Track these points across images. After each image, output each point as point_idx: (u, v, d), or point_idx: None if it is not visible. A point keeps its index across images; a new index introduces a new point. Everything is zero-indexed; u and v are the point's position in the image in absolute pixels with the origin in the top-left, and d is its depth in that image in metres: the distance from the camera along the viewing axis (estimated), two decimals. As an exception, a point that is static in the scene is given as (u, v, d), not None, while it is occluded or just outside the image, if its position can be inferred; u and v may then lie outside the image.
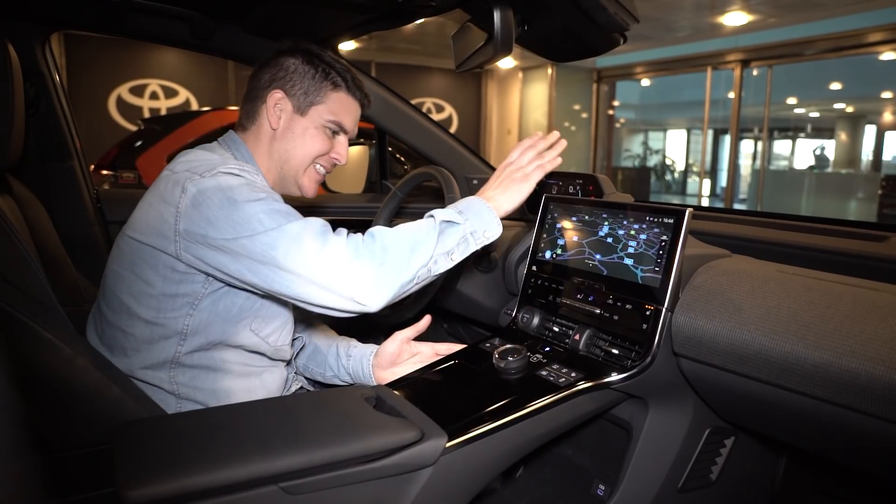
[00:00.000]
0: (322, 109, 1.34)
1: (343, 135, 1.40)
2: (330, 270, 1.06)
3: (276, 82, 1.33)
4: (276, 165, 1.35)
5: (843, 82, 11.38)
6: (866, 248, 1.34)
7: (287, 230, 1.08)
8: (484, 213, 1.25)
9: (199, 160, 1.21)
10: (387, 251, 1.10)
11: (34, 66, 1.88)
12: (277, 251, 1.06)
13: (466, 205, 1.26)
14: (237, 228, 1.08)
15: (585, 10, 1.34)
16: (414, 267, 1.13)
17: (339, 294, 1.07)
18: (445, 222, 1.20)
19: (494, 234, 1.26)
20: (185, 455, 0.92)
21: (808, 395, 1.01)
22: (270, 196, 1.15)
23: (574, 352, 1.32)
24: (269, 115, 1.32)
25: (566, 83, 11.44)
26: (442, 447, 1.03)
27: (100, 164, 5.01)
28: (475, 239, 1.23)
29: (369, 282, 1.07)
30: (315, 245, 1.06)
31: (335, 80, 1.35)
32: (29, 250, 1.26)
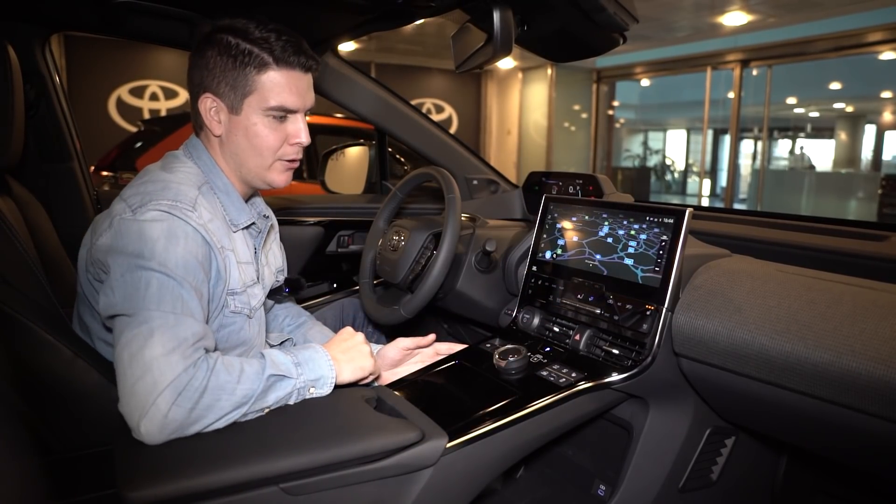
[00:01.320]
0: (255, 99, 1.18)
1: (293, 114, 1.23)
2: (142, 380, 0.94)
3: (203, 83, 1.20)
4: (235, 170, 1.25)
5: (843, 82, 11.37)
6: (866, 247, 1.34)
7: (149, 318, 0.98)
8: (321, 370, 1.13)
9: (145, 185, 1.14)
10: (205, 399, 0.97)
11: (34, 67, 1.88)
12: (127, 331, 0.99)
13: (306, 356, 1.13)
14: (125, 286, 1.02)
15: (585, 10, 1.34)
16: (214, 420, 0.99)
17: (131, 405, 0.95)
18: (275, 376, 1.06)
19: (322, 392, 1.13)
20: (185, 456, 0.92)
21: (808, 395, 1.01)
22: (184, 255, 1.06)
23: (574, 352, 1.32)
24: (208, 122, 1.21)
25: (566, 83, 11.43)
26: (442, 447, 1.03)
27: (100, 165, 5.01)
28: (299, 395, 1.10)
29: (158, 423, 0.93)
30: (156, 350, 0.96)
31: (259, 60, 1.17)
32: (29, 252, 1.26)
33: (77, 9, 1.82)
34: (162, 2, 1.74)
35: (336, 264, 2.39)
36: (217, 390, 0.98)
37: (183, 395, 0.94)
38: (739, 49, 9.00)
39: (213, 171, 1.25)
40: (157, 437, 0.94)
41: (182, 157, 1.25)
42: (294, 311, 1.62)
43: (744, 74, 9.07)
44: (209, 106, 1.20)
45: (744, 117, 9.57)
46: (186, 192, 1.14)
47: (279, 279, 1.49)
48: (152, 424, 0.93)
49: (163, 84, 9.15)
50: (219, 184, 1.25)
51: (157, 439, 0.94)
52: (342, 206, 2.40)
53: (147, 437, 0.94)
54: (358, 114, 2.15)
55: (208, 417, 0.97)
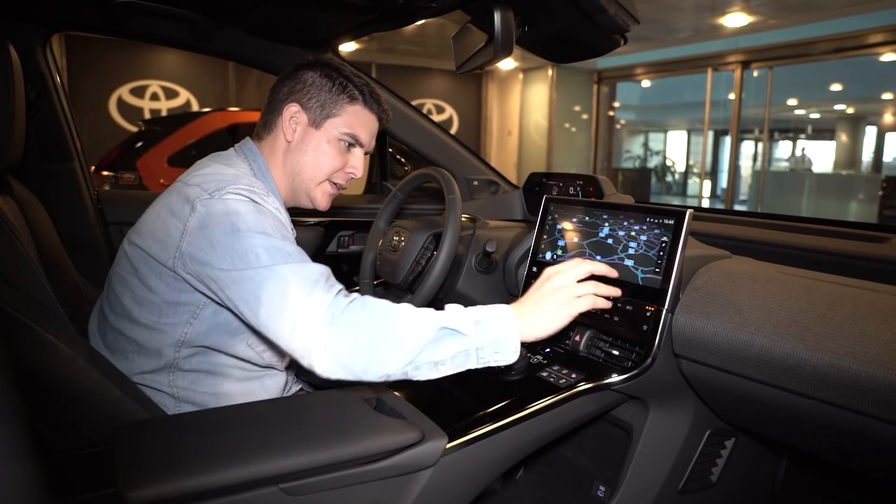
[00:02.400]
0: (337, 122, 1.33)
1: (359, 148, 1.38)
2: (301, 324, 1.00)
3: (294, 95, 1.32)
4: (289, 177, 1.34)
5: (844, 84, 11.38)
6: (867, 249, 1.34)
7: (277, 272, 1.04)
8: (504, 333, 1.07)
9: (212, 175, 1.19)
10: (365, 333, 1.01)
11: (35, 67, 1.88)
12: (263, 292, 1.03)
13: (490, 315, 1.08)
14: (234, 259, 1.06)
15: (586, 11, 1.34)
16: (385, 363, 1.01)
17: (300, 349, 1.01)
18: (447, 329, 1.04)
19: (507, 359, 1.09)
20: (185, 456, 0.92)
21: (808, 397, 1.01)
22: (275, 227, 1.12)
23: (574, 353, 1.32)
24: (285, 128, 1.32)
25: (566, 84, 11.44)
26: (442, 448, 1.03)
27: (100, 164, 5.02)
28: (479, 357, 1.07)
29: (329, 353, 0.99)
30: (298, 295, 1.02)
31: (352, 94, 1.33)
32: (29, 251, 1.26)
33: (78, 8, 1.82)
34: (163, 2, 1.74)
35: (336, 265, 2.39)
36: (374, 323, 1.02)
37: (340, 326, 1.00)
38: (740, 50, 9.01)
39: (265, 176, 1.32)
40: (330, 368, 1.00)
41: (235, 158, 1.32)
42: None
43: (744, 76, 9.07)
44: (292, 114, 1.32)
45: (744, 119, 9.58)
46: (258, 183, 1.21)
47: None
48: (321, 356, 0.99)
49: (163, 84, 9.16)
50: (268, 187, 1.29)
51: (331, 371, 1.00)
52: (343, 207, 2.40)
53: (321, 368, 1.00)
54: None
55: (373, 352, 1.00)
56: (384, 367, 1.02)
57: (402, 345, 1.01)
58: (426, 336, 1.02)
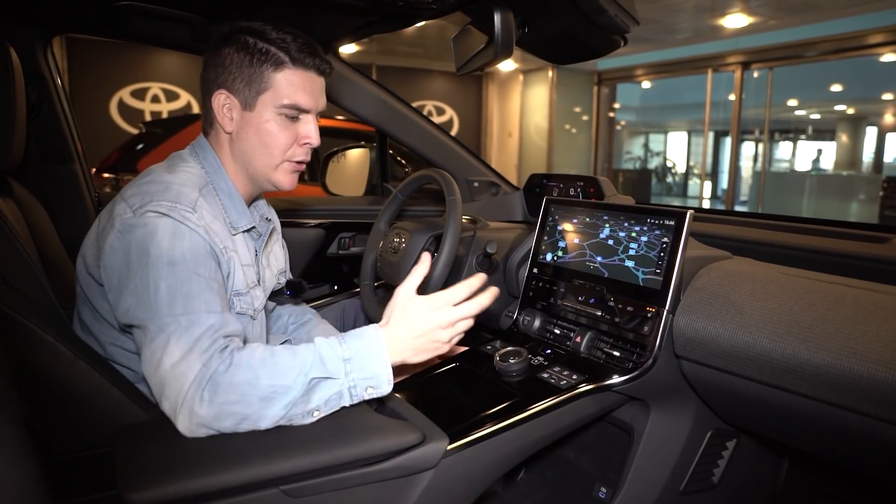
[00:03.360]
0: (269, 96, 1.19)
1: (305, 114, 1.23)
2: (167, 387, 0.97)
3: (217, 80, 1.20)
4: (242, 168, 1.25)
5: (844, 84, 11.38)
6: (867, 249, 1.34)
7: (164, 327, 1.00)
8: (375, 369, 1.05)
9: (146, 185, 1.14)
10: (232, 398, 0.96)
11: (36, 69, 1.88)
12: (145, 340, 1.01)
13: (360, 350, 1.05)
14: (137, 294, 1.03)
15: (586, 12, 1.34)
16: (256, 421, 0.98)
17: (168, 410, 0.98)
18: (317, 378, 1.01)
19: (381, 392, 1.07)
20: (186, 458, 0.92)
21: (809, 398, 1.00)
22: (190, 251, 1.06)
23: (575, 354, 1.32)
24: (220, 119, 1.21)
25: (567, 85, 11.44)
26: (443, 450, 1.03)
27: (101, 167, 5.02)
28: (352, 395, 1.05)
29: (194, 420, 0.96)
30: (175, 355, 0.98)
31: (276, 59, 1.18)
32: (30, 253, 1.26)
33: (79, 11, 1.82)
34: (164, 4, 1.74)
35: (337, 266, 2.39)
36: (243, 385, 0.97)
37: (208, 390, 0.96)
38: (740, 51, 9.01)
39: (218, 173, 1.25)
40: (194, 430, 0.97)
41: (187, 158, 1.26)
42: (297, 310, 1.61)
43: (745, 77, 9.07)
44: (222, 102, 1.20)
45: (745, 119, 9.58)
46: (187, 194, 1.13)
47: (280, 281, 1.49)
48: (186, 422, 0.96)
49: (164, 86, 9.17)
50: (222, 186, 1.24)
51: (194, 433, 0.97)
52: (343, 208, 2.40)
53: (185, 431, 0.97)
54: (359, 116, 2.15)
55: (241, 414, 0.97)
56: (255, 425, 0.98)
57: (272, 404, 0.98)
58: (296, 390, 0.99)
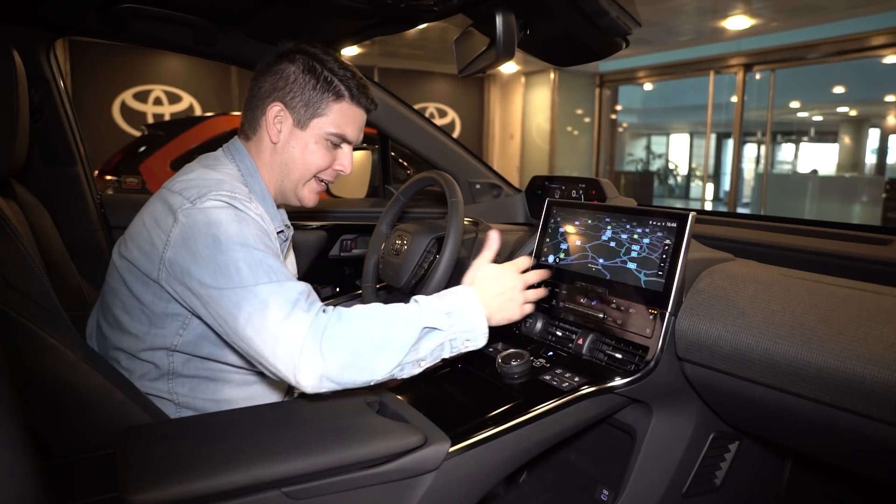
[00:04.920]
0: (323, 122, 1.28)
1: (347, 145, 1.34)
2: (283, 347, 0.99)
3: (276, 93, 1.26)
4: (277, 178, 1.31)
5: (847, 86, 11.36)
6: (870, 251, 1.34)
7: (256, 293, 1.02)
8: (474, 322, 1.13)
9: (195, 180, 1.17)
10: (350, 347, 1.01)
11: (39, 72, 1.89)
12: (241, 313, 1.02)
13: (458, 305, 1.13)
14: (216, 275, 1.05)
15: (587, 14, 1.34)
16: (372, 371, 1.03)
17: (284, 370, 1.00)
18: (427, 328, 1.07)
19: (477, 345, 1.14)
20: (188, 460, 0.92)
21: (812, 400, 1.00)
22: (257, 236, 1.11)
23: (577, 356, 1.32)
24: (269, 128, 1.27)
25: (569, 87, 11.44)
26: (445, 452, 1.03)
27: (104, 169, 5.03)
28: (452, 347, 1.12)
29: (316, 372, 0.99)
30: (278, 316, 1.00)
31: (337, 90, 1.27)
32: (33, 255, 1.26)
33: (81, 13, 1.83)
34: (166, 6, 1.75)
35: (339, 268, 2.40)
36: (355, 335, 1.02)
37: (324, 344, 0.99)
38: (742, 53, 9.00)
39: (253, 176, 1.29)
40: (316, 384, 1.00)
41: (223, 159, 1.30)
42: None
43: (747, 78, 9.07)
44: (275, 114, 1.27)
45: (747, 121, 9.56)
46: (240, 188, 1.19)
47: None
48: (308, 375, 0.99)
49: (166, 88, 9.18)
50: (256, 188, 1.29)
51: (317, 386, 1.00)
52: (345, 211, 2.40)
53: (307, 386, 1.00)
54: (361, 118, 2.15)
55: (361, 363, 1.01)
56: (372, 375, 1.03)
57: (389, 352, 1.04)
58: (410, 340, 1.05)
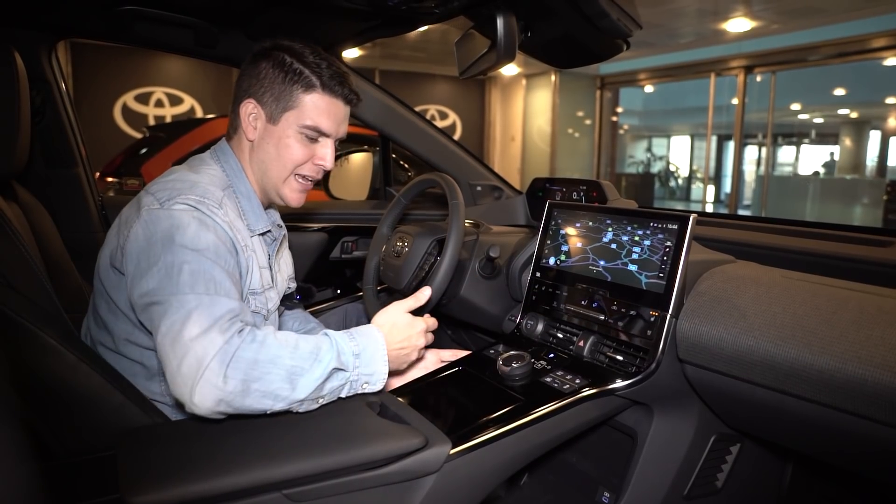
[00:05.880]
0: (295, 115, 1.25)
1: (325, 138, 1.29)
2: (188, 362, 0.96)
3: (250, 90, 1.26)
4: (258, 176, 1.30)
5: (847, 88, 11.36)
6: (871, 253, 1.34)
7: (185, 302, 1.01)
8: (377, 366, 1.13)
9: (172, 182, 1.18)
10: (256, 371, 0.98)
11: (40, 74, 1.89)
12: (166, 318, 1.00)
13: (367, 347, 1.12)
14: (158, 275, 1.04)
15: (588, 16, 1.34)
16: (274, 400, 1.00)
17: (182, 387, 0.97)
18: (336, 369, 1.06)
19: (374, 388, 1.14)
20: (189, 462, 0.92)
21: (814, 402, 1.00)
22: (215, 243, 1.10)
23: (578, 358, 1.32)
24: (245, 126, 1.27)
25: (569, 90, 11.44)
26: (446, 454, 1.03)
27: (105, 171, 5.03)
28: (351, 387, 1.11)
29: (213, 394, 0.95)
30: (194, 330, 0.98)
31: (307, 81, 1.24)
32: (34, 257, 1.26)
33: (83, 16, 1.83)
34: (167, 8, 1.75)
35: (340, 270, 2.39)
36: (265, 362, 0.99)
37: (231, 366, 0.96)
38: (743, 55, 9.01)
39: (239, 176, 1.29)
40: (211, 408, 0.96)
41: (209, 161, 1.30)
42: (302, 316, 1.65)
43: (748, 80, 9.07)
44: (250, 111, 1.26)
45: (748, 123, 9.57)
46: (213, 192, 1.18)
47: (290, 286, 1.54)
48: (205, 396, 0.95)
49: (168, 91, 9.20)
50: (242, 188, 1.29)
51: (212, 410, 0.96)
52: (346, 212, 2.40)
53: (201, 408, 0.96)
54: (362, 120, 2.16)
55: (260, 391, 0.98)
56: (273, 404, 1.00)
57: (296, 385, 1.01)
58: (320, 377, 1.03)
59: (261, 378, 0.98)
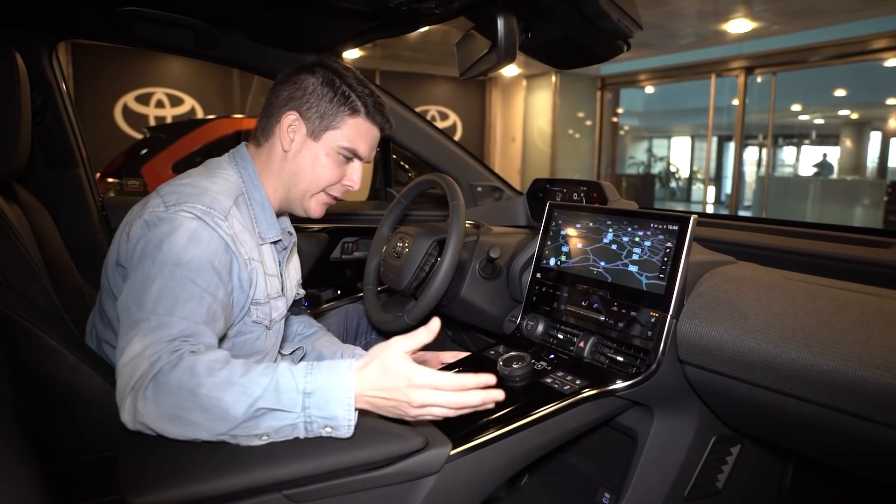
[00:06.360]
0: (337, 135, 1.28)
1: (358, 161, 1.33)
2: (122, 378, 0.94)
3: (293, 102, 1.27)
4: (285, 186, 1.31)
5: (848, 89, 11.36)
6: (871, 254, 1.34)
7: (138, 321, 0.99)
8: (336, 410, 0.94)
9: (184, 186, 1.17)
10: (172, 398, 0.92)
11: (41, 74, 1.89)
12: (122, 330, 1.00)
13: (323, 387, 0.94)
14: (134, 284, 1.03)
15: (589, 17, 1.34)
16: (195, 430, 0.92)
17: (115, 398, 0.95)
18: (264, 409, 0.92)
19: (341, 435, 0.95)
20: (189, 462, 0.92)
21: (814, 403, 1.00)
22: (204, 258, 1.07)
23: (579, 359, 1.32)
24: (282, 136, 1.27)
25: (570, 90, 11.44)
26: (446, 455, 1.03)
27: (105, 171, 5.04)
28: (307, 430, 0.95)
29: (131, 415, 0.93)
30: (138, 346, 0.96)
31: (354, 105, 1.28)
32: (34, 258, 1.26)
33: (83, 16, 1.83)
34: (167, 9, 1.75)
35: (340, 271, 2.39)
36: (182, 390, 0.91)
37: (150, 389, 0.91)
38: (744, 56, 9.00)
39: (255, 183, 1.29)
40: (131, 426, 0.93)
41: (225, 166, 1.29)
42: (306, 321, 1.66)
43: (748, 82, 9.07)
44: (290, 123, 1.27)
45: (748, 124, 9.56)
46: (222, 202, 1.17)
47: (299, 292, 1.53)
48: (125, 413, 0.93)
49: (168, 91, 9.20)
50: (256, 196, 1.28)
51: (133, 428, 0.93)
52: (346, 213, 2.40)
53: (127, 424, 0.94)
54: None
55: (179, 418, 0.91)
56: (195, 433, 0.93)
57: (213, 418, 0.92)
58: (238, 415, 0.91)
59: (177, 405, 0.92)
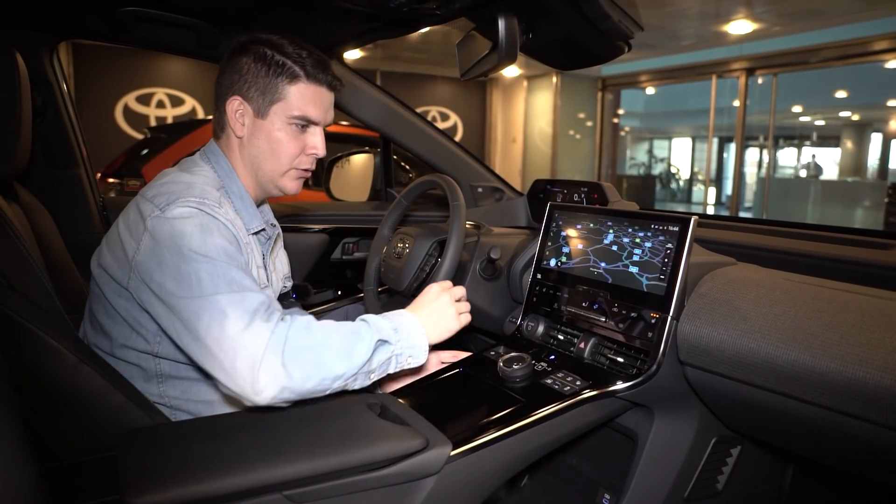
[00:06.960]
0: (283, 107, 1.24)
1: (314, 126, 1.29)
2: (242, 358, 0.97)
3: (234, 86, 1.25)
4: (251, 173, 1.30)
5: (849, 90, 11.36)
6: (872, 256, 1.34)
7: (215, 302, 1.01)
8: (416, 339, 1.18)
9: (167, 185, 1.17)
10: (312, 355, 1.02)
11: (42, 74, 1.89)
12: (200, 322, 1.00)
13: (402, 323, 1.17)
14: (178, 284, 1.04)
15: (590, 18, 1.34)
16: (331, 380, 1.04)
17: (241, 382, 0.98)
18: (381, 341, 1.11)
19: (417, 361, 1.19)
20: (189, 462, 0.92)
21: (814, 404, 1.00)
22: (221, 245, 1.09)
23: (579, 360, 1.32)
24: (233, 124, 1.26)
25: (571, 91, 11.45)
26: (446, 456, 1.03)
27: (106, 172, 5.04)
28: (398, 362, 1.15)
29: (277, 382, 0.98)
30: (237, 326, 0.99)
31: (291, 72, 1.23)
32: (34, 257, 1.26)
33: (84, 17, 1.83)
34: (168, 10, 1.75)
35: (341, 271, 2.40)
36: (316, 346, 1.03)
37: (286, 354, 0.99)
38: (745, 57, 9.01)
39: (230, 176, 1.29)
40: (275, 395, 0.99)
41: (199, 162, 1.29)
42: (297, 312, 1.63)
43: (749, 83, 9.07)
44: (236, 108, 1.25)
45: (749, 125, 9.57)
46: (210, 192, 1.18)
47: (286, 285, 1.54)
48: (267, 386, 0.97)
49: (169, 91, 9.21)
50: (234, 188, 1.28)
51: (276, 398, 0.99)
52: (347, 214, 2.40)
53: (264, 398, 0.99)
54: (363, 121, 2.16)
55: (320, 373, 1.02)
56: (331, 384, 1.05)
57: (349, 361, 1.05)
58: (367, 350, 1.08)
59: (318, 362, 1.02)
